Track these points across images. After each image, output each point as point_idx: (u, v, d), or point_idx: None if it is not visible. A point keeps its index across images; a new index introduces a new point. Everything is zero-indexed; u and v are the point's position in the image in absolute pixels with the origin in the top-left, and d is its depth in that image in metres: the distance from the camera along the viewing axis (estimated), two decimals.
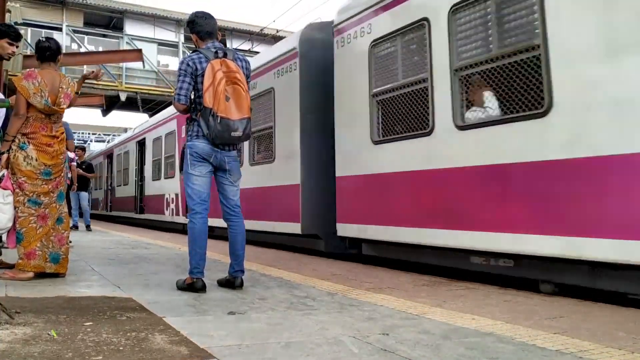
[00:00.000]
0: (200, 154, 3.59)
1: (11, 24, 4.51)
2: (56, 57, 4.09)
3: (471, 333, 2.44)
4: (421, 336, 2.35)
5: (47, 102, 3.89)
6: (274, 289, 3.66)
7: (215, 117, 3.43)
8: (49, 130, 3.96)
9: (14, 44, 4.31)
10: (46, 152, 3.93)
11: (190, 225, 3.58)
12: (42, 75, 3.92)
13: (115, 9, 25.67)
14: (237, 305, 3.02)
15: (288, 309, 2.95)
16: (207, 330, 2.38)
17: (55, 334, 2.21)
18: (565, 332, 2.47)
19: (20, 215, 3.82)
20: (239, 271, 3.67)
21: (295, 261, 5.60)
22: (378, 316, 2.79)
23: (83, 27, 25.33)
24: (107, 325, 2.40)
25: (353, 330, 2.43)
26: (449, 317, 2.78)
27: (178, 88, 3.58)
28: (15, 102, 3.89)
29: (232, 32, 27.57)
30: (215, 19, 3.82)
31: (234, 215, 3.75)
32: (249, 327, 2.48)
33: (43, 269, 3.84)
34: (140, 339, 2.18)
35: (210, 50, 3.60)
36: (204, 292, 3.44)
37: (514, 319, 2.75)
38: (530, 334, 2.41)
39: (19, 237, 3.82)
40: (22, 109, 3.85)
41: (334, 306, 3.06)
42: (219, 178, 3.75)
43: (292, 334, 2.36)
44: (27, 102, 3.84)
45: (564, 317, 2.86)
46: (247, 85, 3.63)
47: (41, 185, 3.90)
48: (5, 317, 2.42)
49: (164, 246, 7.38)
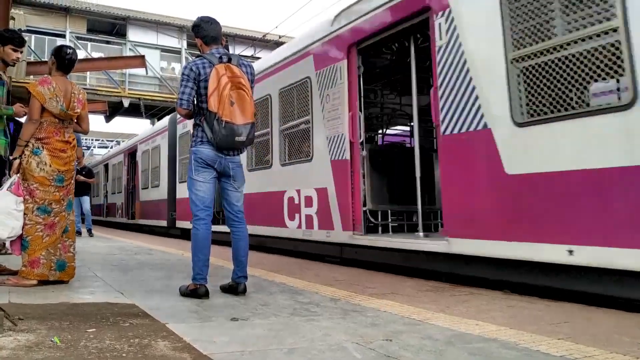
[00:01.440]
0: (204, 159, 3.60)
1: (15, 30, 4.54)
2: (72, 68, 4.14)
3: (475, 339, 2.43)
4: (425, 342, 2.35)
5: (62, 107, 3.94)
6: (277, 295, 3.65)
7: (220, 122, 3.44)
8: (62, 136, 3.99)
9: (18, 50, 4.35)
10: (60, 157, 3.95)
11: (194, 231, 3.58)
12: (56, 81, 3.97)
13: (118, 16, 25.81)
14: (240, 312, 3.02)
15: (291, 315, 2.94)
16: (210, 337, 2.38)
17: (58, 340, 2.21)
18: (570, 337, 2.46)
19: (27, 223, 3.81)
20: (242, 277, 3.67)
21: (298, 267, 5.59)
22: (381, 322, 2.78)
23: (86, 34, 25.48)
24: (110, 332, 2.40)
25: (356, 337, 2.43)
26: (453, 322, 2.77)
27: (180, 93, 3.59)
28: (29, 108, 3.89)
29: (234, 38, 27.66)
30: (220, 24, 3.84)
31: (237, 221, 3.75)
32: (252, 334, 2.47)
33: (47, 278, 3.84)
34: (143, 345, 2.18)
35: (215, 56, 3.62)
36: (207, 298, 3.43)
37: (518, 325, 2.74)
38: (535, 340, 2.40)
39: (24, 245, 3.82)
40: (37, 114, 3.87)
41: (337, 312, 3.05)
42: (223, 184, 3.76)
43: (295, 340, 2.36)
44: (41, 107, 3.87)
45: (568, 322, 2.85)
46: (252, 91, 3.65)
47: (53, 192, 3.90)
48: (8, 323, 2.42)
49: (167, 252, 7.38)
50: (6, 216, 3.70)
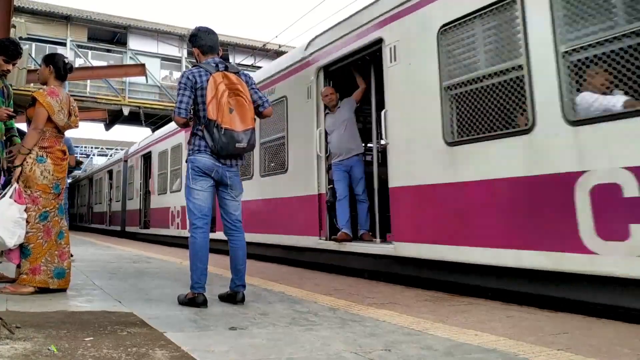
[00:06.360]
0: (201, 168, 3.60)
1: (15, 41, 4.51)
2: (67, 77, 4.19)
3: (474, 349, 2.42)
4: (424, 352, 2.33)
5: (67, 119, 4.03)
6: (276, 304, 3.64)
7: (220, 129, 3.45)
8: (60, 145, 4.06)
9: (10, 62, 4.33)
10: (60, 166, 4.01)
11: (192, 240, 3.57)
12: (60, 92, 4.01)
13: (119, 24, 25.94)
14: (238, 321, 3.01)
15: (290, 325, 2.93)
16: (208, 346, 2.36)
17: (55, 349, 2.19)
18: (570, 348, 2.45)
19: (29, 230, 3.81)
20: (241, 286, 3.66)
21: (297, 276, 5.58)
22: (380, 332, 2.77)
23: (87, 42, 25.60)
24: (107, 341, 2.39)
25: (355, 346, 2.42)
26: (452, 332, 2.76)
27: (178, 102, 3.60)
28: (35, 117, 3.89)
29: (234, 48, 27.80)
30: (217, 34, 3.87)
31: (235, 230, 3.75)
32: (251, 343, 2.46)
33: (47, 285, 3.83)
34: (141, 354, 2.17)
35: (211, 65, 3.64)
36: (205, 307, 3.42)
37: (517, 335, 2.73)
38: (534, 350, 2.39)
39: (25, 253, 3.82)
40: (42, 124, 3.90)
41: (335, 322, 3.04)
42: (221, 193, 3.75)
43: (293, 349, 2.34)
44: (47, 117, 3.90)
45: (567, 333, 2.84)
46: (250, 97, 3.66)
47: (52, 199, 3.94)
48: (5, 331, 2.40)
49: (166, 260, 7.36)
50: (13, 224, 3.71)
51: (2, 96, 4.36)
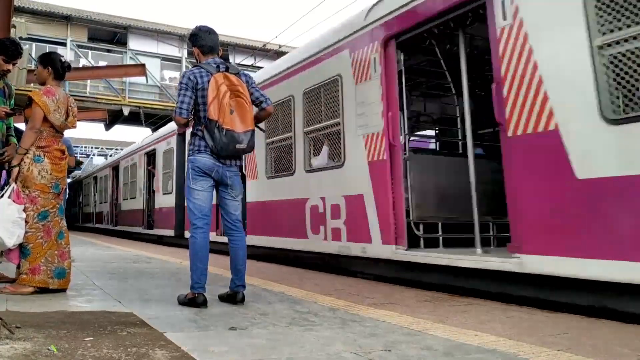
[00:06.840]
0: (201, 168, 3.60)
1: (15, 41, 4.50)
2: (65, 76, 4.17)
3: (474, 349, 2.42)
4: (423, 352, 2.33)
5: (63, 119, 4.02)
6: (276, 304, 3.64)
7: (221, 130, 3.46)
8: (58, 144, 4.05)
9: (10, 62, 4.33)
10: (59, 165, 4.01)
11: (192, 240, 3.57)
12: (56, 92, 4.00)
13: (119, 25, 25.94)
14: (238, 321, 3.01)
15: (290, 325, 2.93)
16: (208, 346, 2.36)
17: (55, 349, 2.19)
18: (569, 349, 2.45)
19: (28, 230, 3.81)
20: (240, 286, 3.66)
21: (297, 276, 5.57)
22: (380, 332, 2.77)
23: (87, 42, 25.60)
24: (107, 341, 2.39)
25: (355, 347, 2.42)
26: (452, 333, 2.76)
27: (179, 102, 3.60)
28: (31, 117, 3.89)
29: (234, 48, 27.79)
30: (217, 34, 3.87)
31: (235, 230, 3.75)
32: (250, 343, 2.46)
33: (47, 285, 3.83)
34: (141, 354, 2.17)
35: (212, 65, 3.64)
36: (205, 307, 3.42)
37: (517, 335, 2.73)
38: (534, 351, 2.39)
39: (25, 252, 3.82)
40: (39, 124, 3.90)
41: (335, 322, 3.04)
42: (221, 193, 3.76)
43: (293, 349, 2.34)
44: (43, 117, 3.89)
45: (567, 333, 2.84)
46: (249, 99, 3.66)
47: (51, 199, 3.94)
48: (5, 331, 2.40)
49: (166, 261, 7.36)
50: (12, 224, 3.71)
51: (2, 96, 4.36)
